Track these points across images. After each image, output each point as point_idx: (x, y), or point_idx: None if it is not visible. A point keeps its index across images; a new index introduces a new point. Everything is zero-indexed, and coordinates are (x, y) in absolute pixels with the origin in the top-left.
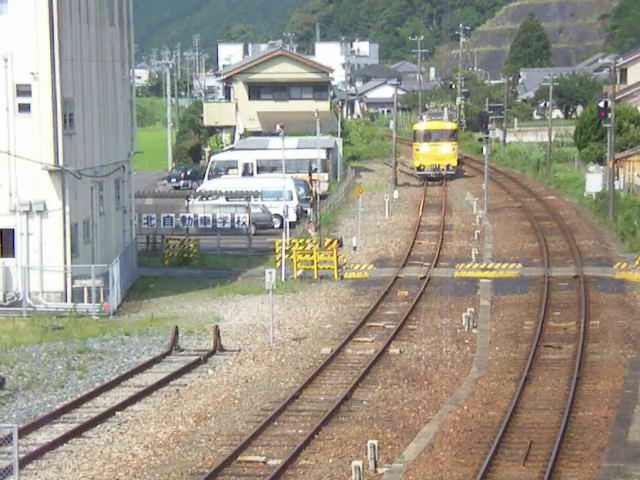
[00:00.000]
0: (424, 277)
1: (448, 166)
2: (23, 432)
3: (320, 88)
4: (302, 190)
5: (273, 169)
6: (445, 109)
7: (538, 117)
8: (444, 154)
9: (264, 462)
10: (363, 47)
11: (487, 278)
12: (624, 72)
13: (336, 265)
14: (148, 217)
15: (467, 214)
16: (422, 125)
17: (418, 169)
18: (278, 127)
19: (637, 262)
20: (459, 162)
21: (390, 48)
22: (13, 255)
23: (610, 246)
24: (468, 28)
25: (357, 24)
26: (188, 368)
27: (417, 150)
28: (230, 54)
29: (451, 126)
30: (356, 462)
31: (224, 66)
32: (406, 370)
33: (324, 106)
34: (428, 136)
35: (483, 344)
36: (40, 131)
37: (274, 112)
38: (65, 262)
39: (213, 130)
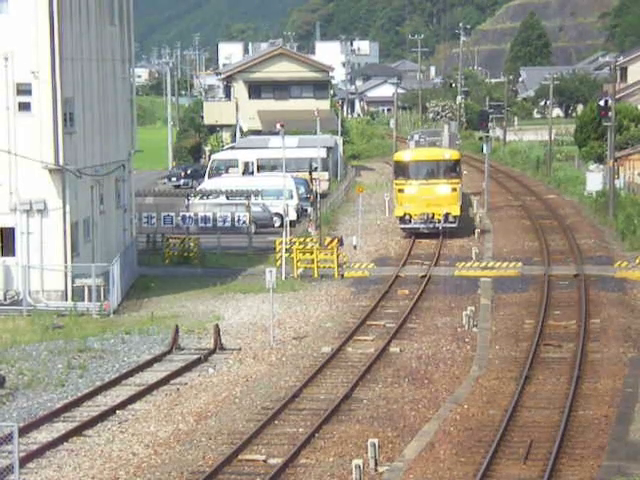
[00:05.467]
0: (424, 276)
1: (447, 216)
2: (23, 431)
3: (320, 87)
4: (302, 189)
5: (273, 168)
6: (445, 126)
7: (538, 116)
8: (441, 197)
9: (264, 461)
10: (363, 46)
11: (487, 277)
12: (624, 71)
13: (336, 264)
14: (148, 216)
15: (467, 213)
16: (407, 154)
17: (401, 220)
18: (278, 126)
19: (637, 261)
20: (463, 208)
21: (390, 47)
22: (13, 254)
23: (610, 245)
24: (468, 27)
25: (357, 23)
26: (188, 367)
27: (400, 192)
28: (230, 53)
29: (451, 155)
30: (356, 461)
31: (224, 65)
32: (406, 369)
33: (324, 105)
34: (417, 171)
35: (483, 343)
36: (40, 130)
37: (274, 111)
38: (65, 261)
39: (213, 129)
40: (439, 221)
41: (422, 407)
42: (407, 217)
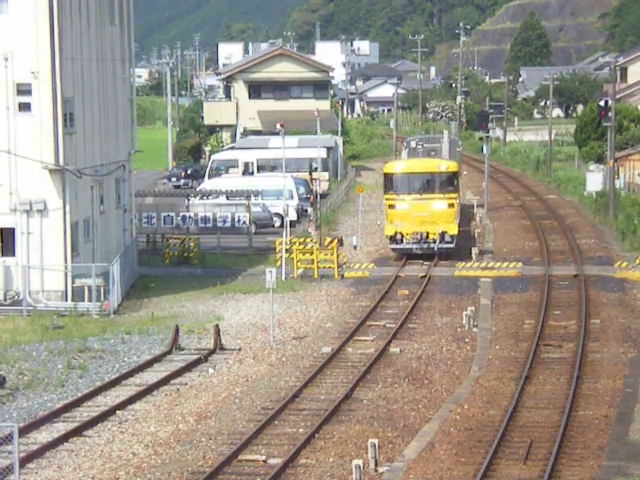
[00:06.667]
0: (424, 276)
1: (443, 235)
2: (24, 431)
3: (320, 87)
4: (302, 189)
5: (273, 168)
6: (445, 132)
7: (538, 116)
8: (436, 214)
9: (264, 461)
10: (363, 46)
11: (487, 277)
12: (624, 71)
13: (336, 264)
14: (148, 216)
15: (467, 213)
16: (399, 166)
17: (392, 240)
18: (278, 126)
19: (637, 261)
20: (461, 225)
21: (390, 47)
22: (13, 254)
23: (610, 245)
24: (468, 27)
25: (357, 23)
26: (188, 367)
27: (390, 207)
28: (230, 53)
29: (447, 167)
30: (357, 461)
31: (224, 65)
32: (406, 369)
33: (324, 105)
34: (409, 184)
35: (483, 343)
36: (40, 130)
37: (274, 111)
38: (65, 261)
39: (213, 129)
40: (434, 241)
41: (422, 407)
42: (398, 236)
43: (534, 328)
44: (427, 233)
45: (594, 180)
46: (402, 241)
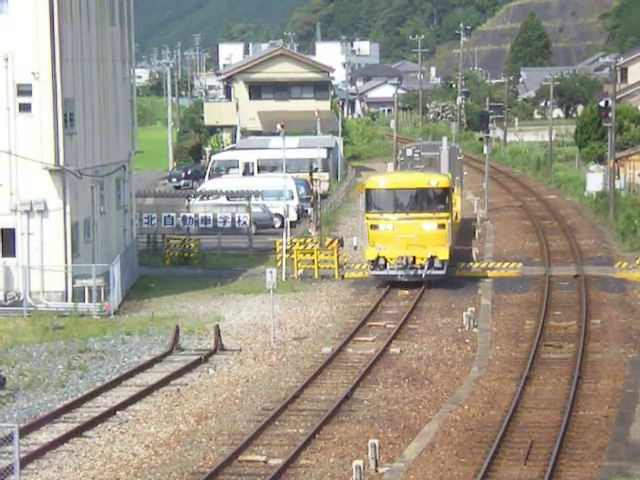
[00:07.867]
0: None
1: (432, 260)
2: (24, 432)
3: (321, 88)
4: (303, 189)
5: (274, 169)
6: (444, 139)
7: (539, 116)
8: (424, 236)
9: (265, 461)
10: (364, 46)
11: (488, 277)
12: (625, 71)
13: (337, 264)
14: (149, 217)
15: (468, 213)
16: (382, 181)
17: (374, 265)
18: (279, 126)
19: (638, 261)
20: (453, 248)
21: (391, 47)
22: (14, 255)
23: (611, 245)
24: (469, 27)
25: (358, 23)
26: (189, 367)
27: (372, 228)
28: (231, 53)
29: (438, 182)
30: (357, 462)
31: (225, 65)
32: (407, 369)
33: (325, 106)
34: (394, 202)
35: (484, 343)
36: (41, 131)
37: (275, 111)
38: (66, 262)
39: (214, 130)
40: (422, 267)
41: (422, 408)
42: (381, 261)
43: (534, 328)
44: (414, 258)
45: (594, 180)
46: (385, 267)
